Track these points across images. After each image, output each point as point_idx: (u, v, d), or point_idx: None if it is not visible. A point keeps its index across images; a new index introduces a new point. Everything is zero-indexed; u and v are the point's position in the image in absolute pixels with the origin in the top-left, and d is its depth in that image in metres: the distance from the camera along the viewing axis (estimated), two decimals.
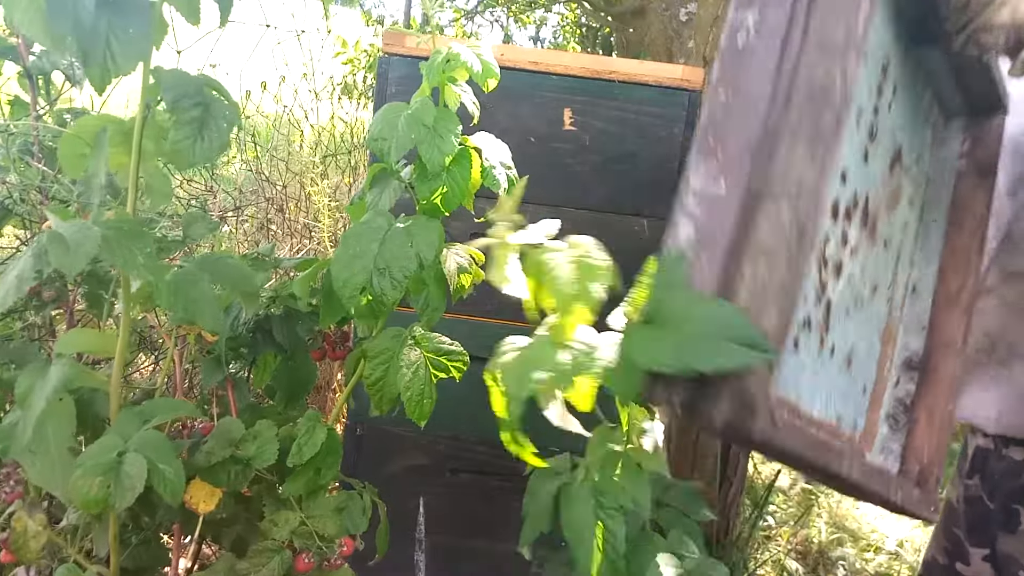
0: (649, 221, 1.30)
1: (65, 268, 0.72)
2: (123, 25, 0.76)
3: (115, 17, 0.76)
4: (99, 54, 0.75)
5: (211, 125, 0.81)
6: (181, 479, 0.81)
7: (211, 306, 0.85)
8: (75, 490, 0.77)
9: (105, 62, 0.75)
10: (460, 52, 0.84)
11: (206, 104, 0.82)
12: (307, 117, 2.74)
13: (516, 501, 1.38)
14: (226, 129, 0.82)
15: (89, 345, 0.91)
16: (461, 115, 0.86)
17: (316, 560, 0.91)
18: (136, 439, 0.82)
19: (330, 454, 0.92)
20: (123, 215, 0.82)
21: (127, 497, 0.78)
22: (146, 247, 0.79)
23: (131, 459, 0.80)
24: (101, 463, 0.79)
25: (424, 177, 0.84)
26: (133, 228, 0.80)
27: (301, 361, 1.09)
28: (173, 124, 0.80)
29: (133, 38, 0.76)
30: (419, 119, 0.82)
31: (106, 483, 0.78)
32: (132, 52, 0.77)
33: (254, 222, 2.56)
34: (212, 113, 0.82)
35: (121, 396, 0.90)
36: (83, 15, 0.73)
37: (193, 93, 0.81)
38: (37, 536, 0.84)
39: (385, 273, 0.80)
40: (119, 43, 0.76)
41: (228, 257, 0.94)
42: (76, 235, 0.74)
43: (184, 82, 0.82)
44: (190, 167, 0.81)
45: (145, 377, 1.85)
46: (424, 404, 0.86)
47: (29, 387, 0.81)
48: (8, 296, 0.74)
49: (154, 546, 1.02)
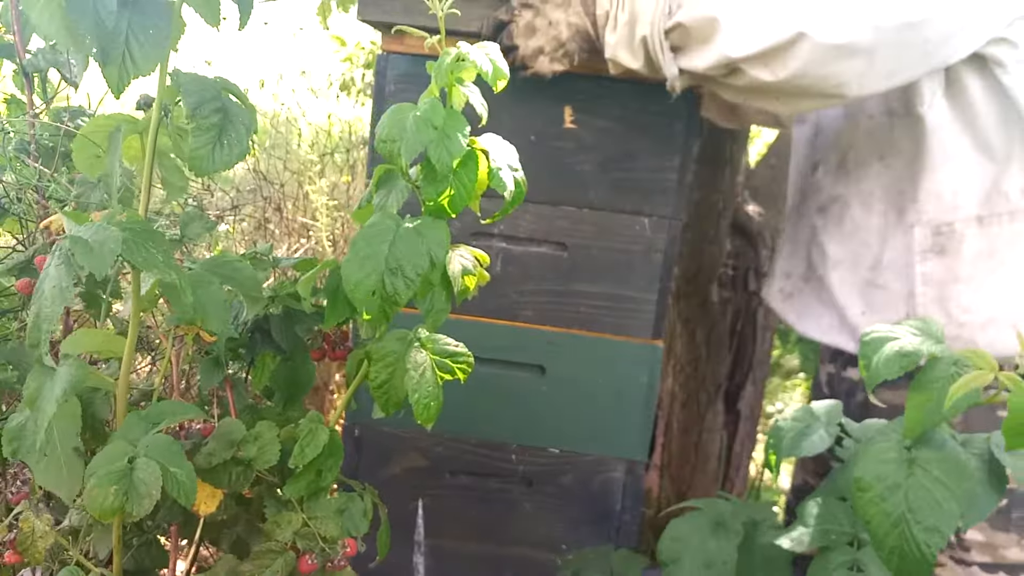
0: (650, 220, 1.30)
1: (94, 269, 0.71)
2: (143, 25, 0.75)
3: (136, 17, 0.75)
4: (118, 55, 0.74)
5: (230, 131, 0.80)
6: (194, 482, 0.80)
7: (221, 308, 0.85)
8: (90, 500, 0.77)
9: (124, 63, 0.74)
10: (470, 52, 0.83)
11: (225, 110, 0.81)
12: (305, 116, 2.73)
13: (516, 503, 1.37)
14: (245, 135, 0.81)
15: (96, 345, 0.90)
16: (468, 116, 0.85)
17: (320, 561, 0.90)
18: (145, 444, 0.81)
19: (331, 456, 0.92)
20: (134, 216, 0.82)
21: (144, 504, 0.77)
22: (163, 246, 0.78)
23: (143, 465, 0.79)
24: (113, 471, 0.78)
25: (432, 179, 0.83)
26: (146, 228, 0.79)
27: (300, 362, 1.09)
28: (192, 130, 0.79)
29: (153, 39, 0.76)
30: (429, 120, 0.81)
31: (121, 491, 0.77)
32: (151, 53, 0.76)
33: (252, 221, 2.55)
34: (231, 119, 0.81)
35: (128, 398, 0.89)
36: (104, 15, 0.72)
37: (212, 98, 0.80)
38: (44, 536, 0.84)
39: (398, 272, 0.80)
40: (139, 44, 0.75)
41: (237, 260, 0.93)
42: (97, 236, 0.73)
43: (204, 87, 0.81)
44: (208, 174, 0.80)
45: (142, 377, 1.84)
46: (432, 407, 0.85)
47: (37, 388, 0.80)
48: (55, 307, 0.74)
49: (155, 548, 1.02)
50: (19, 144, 1.24)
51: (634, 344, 1.32)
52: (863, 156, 1.34)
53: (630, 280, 1.31)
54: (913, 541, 0.74)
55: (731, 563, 0.89)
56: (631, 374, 1.32)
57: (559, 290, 1.32)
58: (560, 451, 1.35)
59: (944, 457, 0.77)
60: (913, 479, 0.76)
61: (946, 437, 0.82)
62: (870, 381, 0.82)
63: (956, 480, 0.75)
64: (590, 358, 1.32)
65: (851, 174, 1.35)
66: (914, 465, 0.77)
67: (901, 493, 0.76)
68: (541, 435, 1.35)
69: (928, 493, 0.75)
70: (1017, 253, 1.20)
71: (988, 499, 0.81)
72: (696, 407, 2.07)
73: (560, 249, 1.31)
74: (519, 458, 1.35)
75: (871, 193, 1.32)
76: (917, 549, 0.74)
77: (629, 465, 1.34)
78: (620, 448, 1.34)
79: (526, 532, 1.37)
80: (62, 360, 0.83)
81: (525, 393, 1.34)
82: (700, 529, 0.93)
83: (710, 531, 0.92)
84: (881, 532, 0.76)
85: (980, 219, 1.21)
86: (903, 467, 0.78)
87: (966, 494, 0.75)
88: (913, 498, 0.75)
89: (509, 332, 1.33)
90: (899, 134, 1.27)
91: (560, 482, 1.35)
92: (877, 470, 0.78)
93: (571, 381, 1.33)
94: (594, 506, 1.35)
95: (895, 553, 0.75)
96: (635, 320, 1.31)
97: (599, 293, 1.32)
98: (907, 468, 0.77)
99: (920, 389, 0.78)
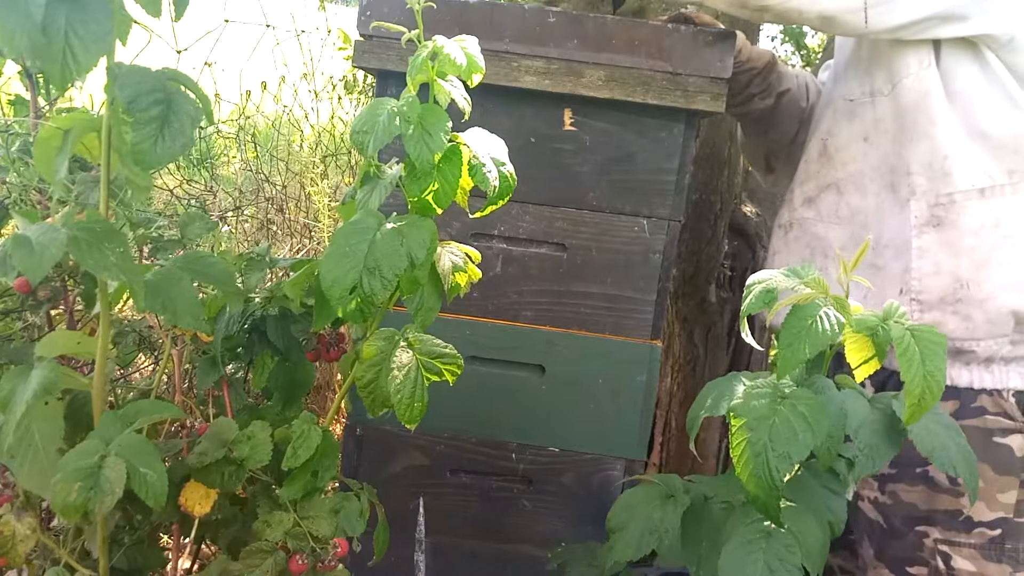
0: (649, 221, 1.30)
1: (29, 272, 0.70)
2: (82, 20, 0.73)
3: (73, 12, 0.73)
4: (58, 51, 0.72)
5: (173, 123, 0.77)
6: (164, 482, 0.79)
7: (191, 305, 0.84)
8: (55, 495, 0.76)
9: (65, 59, 0.72)
10: (444, 46, 0.83)
11: (168, 101, 0.78)
12: (307, 117, 2.74)
13: (516, 501, 1.38)
14: (190, 126, 0.78)
15: (70, 347, 0.90)
16: (457, 113, 0.85)
17: (310, 561, 0.90)
18: (117, 442, 0.81)
19: (326, 456, 0.91)
20: (94, 215, 0.80)
21: (106, 502, 0.76)
22: (120, 247, 0.77)
23: (111, 463, 0.78)
24: (81, 468, 0.78)
25: (414, 175, 0.82)
26: (105, 228, 0.78)
27: (297, 362, 1.09)
28: (132, 124, 0.76)
29: (94, 33, 0.73)
30: (402, 114, 0.80)
31: (86, 488, 0.77)
32: (93, 48, 0.74)
33: (254, 222, 2.56)
34: (174, 110, 0.78)
35: (107, 398, 0.89)
36: (33, 10, 0.70)
37: (152, 89, 0.78)
38: (25, 540, 0.83)
39: (375, 272, 0.79)
40: (79, 39, 0.73)
41: (209, 256, 0.92)
42: (42, 238, 0.72)
43: (143, 78, 0.78)
44: (153, 168, 0.78)
45: (145, 377, 1.85)
46: (415, 407, 0.84)
47: (11, 390, 0.80)
48: None
49: (148, 547, 1.02)
50: (23, 145, 1.24)
51: (633, 344, 1.32)
52: (843, 140, 1.32)
53: (629, 281, 1.32)
54: (767, 467, 0.76)
55: (674, 531, 0.91)
56: (630, 374, 1.33)
57: (558, 291, 1.33)
58: (559, 450, 1.36)
59: (812, 397, 0.80)
60: (780, 413, 0.79)
61: (829, 384, 0.85)
62: (743, 315, 0.87)
63: (818, 417, 0.78)
64: (589, 358, 1.33)
65: (834, 159, 1.34)
66: (784, 401, 0.80)
67: (767, 424, 0.78)
68: (541, 434, 1.35)
69: (789, 425, 0.77)
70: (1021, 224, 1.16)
71: (883, 450, 0.83)
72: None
73: (559, 250, 1.32)
74: (519, 457, 1.36)
75: (862, 174, 1.29)
76: (769, 475, 0.76)
77: (628, 464, 1.35)
78: (619, 447, 1.35)
79: (526, 530, 1.37)
80: (37, 362, 0.83)
81: (525, 392, 1.34)
82: (650, 500, 0.95)
83: (659, 502, 0.94)
84: (744, 459, 0.78)
85: (982, 191, 1.17)
86: (775, 403, 0.80)
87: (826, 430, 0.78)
88: (775, 430, 0.78)
89: (509, 332, 1.33)
90: (881, 112, 1.25)
91: (559, 480, 1.36)
92: (751, 403, 0.81)
93: (570, 381, 1.34)
94: (593, 504, 1.36)
95: (752, 479, 0.77)
96: (634, 320, 1.32)
97: (598, 294, 1.32)
98: (778, 403, 0.80)
99: (786, 331, 0.81)
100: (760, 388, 0.83)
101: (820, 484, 0.87)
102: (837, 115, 1.34)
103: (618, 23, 1.25)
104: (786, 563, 0.79)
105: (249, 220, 2.54)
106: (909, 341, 0.78)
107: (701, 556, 0.89)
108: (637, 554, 0.92)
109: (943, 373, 0.77)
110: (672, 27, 1.25)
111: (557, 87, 1.23)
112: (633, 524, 0.94)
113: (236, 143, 2.55)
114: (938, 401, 0.79)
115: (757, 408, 0.80)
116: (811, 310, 0.80)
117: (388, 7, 1.25)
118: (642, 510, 0.95)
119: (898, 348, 0.78)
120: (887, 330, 0.81)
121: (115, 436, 0.82)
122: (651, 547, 0.92)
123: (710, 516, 0.91)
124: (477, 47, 0.85)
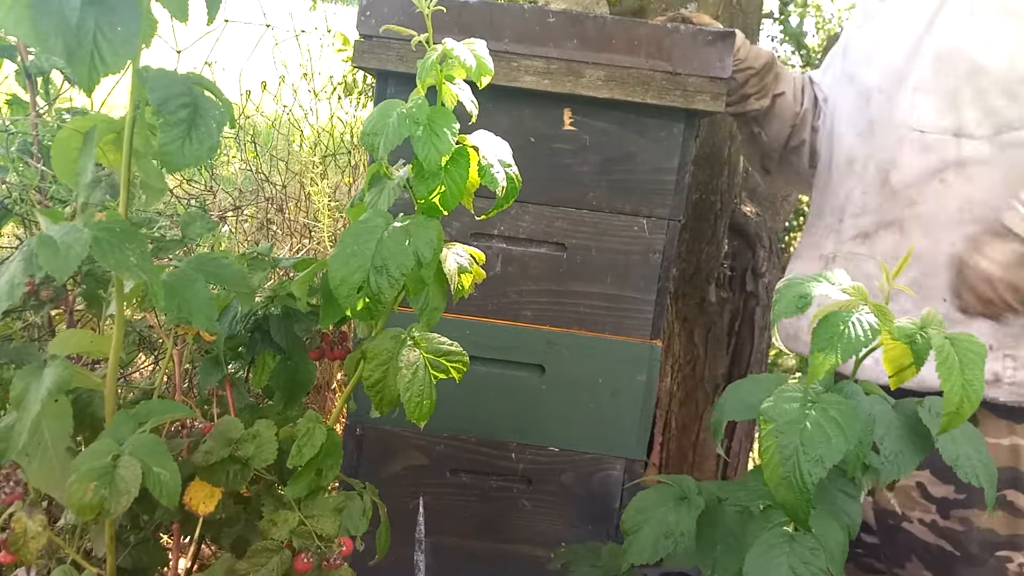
0: (649, 221, 1.30)
1: (55, 272, 0.71)
2: (111, 23, 0.74)
3: (102, 15, 0.74)
4: (86, 53, 0.73)
5: (200, 126, 0.79)
6: (177, 482, 0.80)
7: (206, 306, 0.85)
8: (70, 496, 0.77)
9: (93, 61, 0.73)
10: (454, 48, 0.84)
11: (195, 104, 0.80)
12: (307, 117, 2.74)
13: (516, 501, 1.38)
14: (216, 129, 0.80)
15: (83, 346, 0.90)
16: (461, 115, 0.86)
17: (315, 560, 0.90)
18: (131, 442, 0.81)
19: (330, 455, 0.92)
20: (114, 216, 0.81)
21: (122, 502, 0.77)
22: (140, 247, 0.78)
23: (125, 463, 0.79)
24: (95, 468, 0.78)
25: (422, 176, 0.83)
26: (125, 229, 0.79)
27: (299, 361, 1.09)
28: (160, 126, 0.78)
29: (121, 36, 0.75)
30: (411, 116, 0.81)
31: (101, 488, 0.77)
32: (120, 51, 0.75)
33: (254, 222, 2.56)
34: (201, 113, 0.80)
35: (118, 397, 0.89)
36: (68, 12, 0.71)
37: (181, 93, 0.80)
38: (37, 537, 0.84)
39: (382, 271, 0.79)
40: (107, 41, 0.74)
41: (223, 257, 0.93)
42: (66, 237, 0.73)
43: (172, 82, 0.80)
44: (180, 169, 0.80)
45: (145, 377, 1.85)
46: (424, 405, 0.85)
47: (24, 388, 0.81)
48: (1, 302, 0.74)
49: (153, 546, 1.02)
50: (22, 145, 1.25)
51: (632, 344, 1.32)
52: (911, 175, 1.22)
53: (629, 280, 1.32)
54: (799, 471, 0.76)
55: (689, 534, 0.90)
56: (629, 373, 1.33)
57: (558, 290, 1.33)
58: (559, 450, 1.36)
59: (844, 401, 0.79)
60: (811, 416, 0.78)
61: (858, 390, 0.84)
62: (774, 318, 0.85)
63: (850, 421, 0.77)
64: (589, 358, 1.33)
65: (899, 195, 1.24)
66: (815, 405, 0.79)
67: (798, 428, 0.77)
68: (541, 434, 1.36)
69: (821, 429, 0.77)
70: None
71: (909, 456, 0.83)
72: (694, 406, 2.08)
73: (559, 250, 1.32)
74: (519, 456, 1.36)
75: (933, 217, 1.19)
76: (800, 479, 0.75)
77: (628, 463, 1.35)
78: (619, 447, 1.35)
79: (526, 529, 1.38)
80: (50, 361, 0.83)
81: (525, 392, 1.35)
82: (664, 502, 0.94)
83: (673, 504, 0.93)
84: (773, 463, 0.77)
85: None
86: (806, 407, 0.80)
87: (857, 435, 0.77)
88: (807, 433, 0.77)
89: (509, 332, 1.33)
90: (969, 154, 1.16)
91: (559, 480, 1.36)
92: (782, 407, 0.80)
93: (570, 380, 1.34)
94: (593, 504, 1.36)
95: (783, 483, 0.76)
96: (633, 320, 1.32)
97: (598, 293, 1.32)
98: (809, 408, 0.79)
99: (818, 336, 0.80)
100: (790, 392, 0.82)
101: (836, 488, 0.86)
102: (903, 145, 1.24)
103: (618, 23, 1.25)
104: (811, 566, 0.78)
105: (249, 220, 2.54)
106: (948, 349, 0.77)
107: (716, 560, 0.89)
108: (653, 557, 0.91)
109: (981, 382, 0.76)
110: (672, 27, 1.25)
111: (557, 87, 1.24)
112: (648, 527, 0.93)
113: (236, 143, 2.55)
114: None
115: (788, 412, 0.79)
116: (844, 315, 0.79)
117: (388, 7, 1.25)
118: (656, 512, 0.94)
119: (938, 356, 0.77)
120: (927, 337, 0.80)
121: (127, 436, 0.82)
122: (667, 551, 0.90)
123: (724, 519, 0.91)
124: (486, 49, 0.86)
